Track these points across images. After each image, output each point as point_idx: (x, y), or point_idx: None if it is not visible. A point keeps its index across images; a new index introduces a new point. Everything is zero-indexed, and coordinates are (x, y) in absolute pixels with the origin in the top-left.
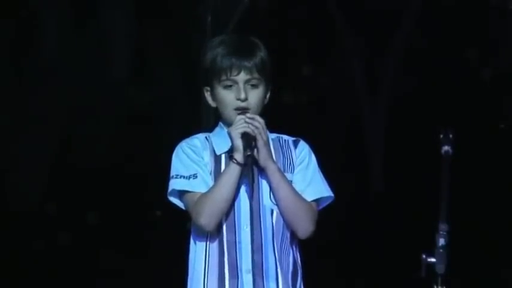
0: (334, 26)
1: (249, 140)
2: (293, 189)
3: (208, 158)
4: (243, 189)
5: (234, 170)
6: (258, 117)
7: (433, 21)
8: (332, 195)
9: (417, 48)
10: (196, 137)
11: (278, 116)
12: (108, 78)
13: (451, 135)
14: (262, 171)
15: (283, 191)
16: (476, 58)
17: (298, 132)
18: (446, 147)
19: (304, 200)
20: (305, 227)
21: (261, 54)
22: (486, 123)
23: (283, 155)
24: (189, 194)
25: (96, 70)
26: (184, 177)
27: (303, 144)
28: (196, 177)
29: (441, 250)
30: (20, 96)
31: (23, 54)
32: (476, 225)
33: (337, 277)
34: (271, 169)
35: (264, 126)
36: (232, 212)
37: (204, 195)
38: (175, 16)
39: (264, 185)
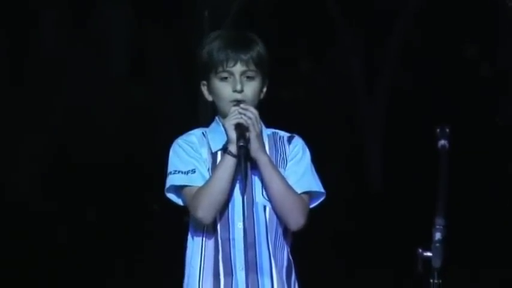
0: (332, 23)
1: (242, 131)
2: (285, 182)
3: (206, 155)
4: (236, 186)
5: (229, 162)
6: (251, 108)
7: (430, 18)
8: (323, 191)
9: (415, 45)
10: (193, 133)
11: (275, 112)
12: (107, 76)
13: (447, 130)
14: (254, 166)
15: (275, 183)
16: (474, 55)
17: (295, 128)
18: (442, 142)
19: (295, 192)
20: (296, 220)
21: (258, 48)
22: (484, 119)
23: (277, 151)
24: (187, 188)
25: (95, 67)
26: (182, 172)
27: (297, 140)
28: (195, 172)
29: (437, 244)
30: (19, 94)
31: (22, 52)
32: (473, 220)
33: (334, 272)
34: (262, 161)
35: (258, 118)
36: (226, 210)
37: (201, 188)
38: (173, 13)
39: (257, 181)
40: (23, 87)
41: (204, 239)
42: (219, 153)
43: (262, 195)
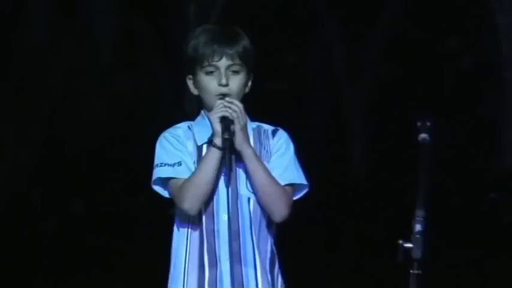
0: (316, 14)
1: (227, 123)
2: (269, 174)
3: (192, 148)
4: (221, 178)
5: (214, 154)
6: (236, 102)
7: (414, 10)
8: (306, 183)
9: (398, 37)
10: (179, 127)
11: (260, 104)
12: (94, 67)
13: (428, 123)
14: (239, 158)
15: (259, 175)
16: (456, 47)
17: (279, 120)
18: (423, 135)
19: (279, 184)
20: (280, 211)
21: (243, 42)
22: (466, 111)
23: (261, 144)
24: (173, 180)
25: (83, 59)
26: (168, 165)
27: (281, 133)
28: (181, 164)
29: (418, 236)
30: (6, 84)
31: (10, 41)
32: (452, 212)
33: (317, 262)
34: (246, 153)
35: (242, 111)
36: (211, 201)
37: (186, 180)
38: (160, 6)
39: (241, 173)
40: (10, 76)
41: (189, 230)
42: (205, 146)
43: (247, 187)
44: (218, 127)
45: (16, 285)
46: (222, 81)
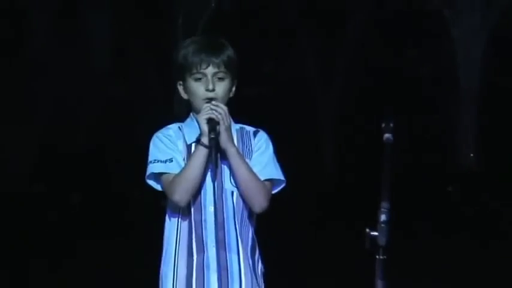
0: (291, 27)
1: (213, 124)
2: (250, 170)
3: (182, 146)
4: (207, 173)
5: (201, 152)
6: (221, 105)
7: (379, 24)
8: (283, 179)
9: (364, 47)
10: (170, 128)
11: (241, 108)
12: (90, 71)
13: (391, 124)
14: (224, 156)
15: (241, 171)
16: (416, 57)
17: (259, 122)
18: (387, 135)
19: (259, 179)
20: (260, 203)
21: (228, 52)
22: (425, 115)
23: (244, 143)
24: (165, 175)
25: (79, 63)
26: (161, 161)
27: (261, 134)
28: (172, 161)
29: (383, 225)
30: (9, 86)
31: (12, 48)
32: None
33: (291, 250)
34: (231, 151)
35: (227, 113)
36: (199, 195)
37: (177, 175)
38: (151, 16)
39: (225, 169)
40: (12, 78)
41: (179, 220)
42: (193, 144)
43: (230, 182)
44: (205, 127)
45: (14, 275)
46: (209, 86)
